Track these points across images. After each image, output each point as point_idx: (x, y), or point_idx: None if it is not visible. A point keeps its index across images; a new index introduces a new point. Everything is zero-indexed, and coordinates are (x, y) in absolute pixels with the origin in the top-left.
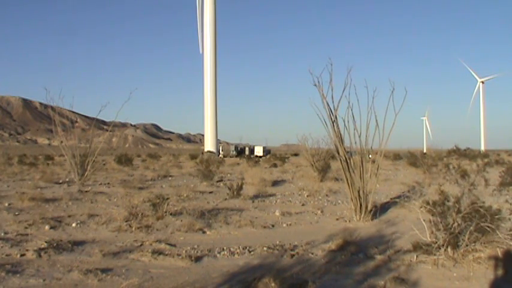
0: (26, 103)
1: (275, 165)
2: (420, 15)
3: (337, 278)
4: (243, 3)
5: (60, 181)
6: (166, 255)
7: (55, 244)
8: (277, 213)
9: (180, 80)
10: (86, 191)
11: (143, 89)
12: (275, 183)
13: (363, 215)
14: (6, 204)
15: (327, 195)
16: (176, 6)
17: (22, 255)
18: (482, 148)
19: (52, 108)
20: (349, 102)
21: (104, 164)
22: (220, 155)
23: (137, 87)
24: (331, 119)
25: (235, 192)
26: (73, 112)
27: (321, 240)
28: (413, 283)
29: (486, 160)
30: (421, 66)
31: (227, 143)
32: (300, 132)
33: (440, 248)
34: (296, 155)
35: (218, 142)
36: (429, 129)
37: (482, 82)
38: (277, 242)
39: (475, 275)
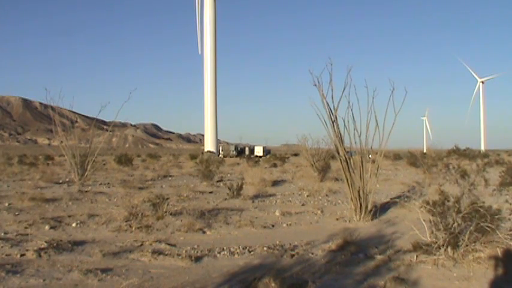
0: (26, 103)
1: (275, 165)
2: (420, 15)
3: (337, 278)
4: (243, 3)
5: (60, 181)
6: (166, 255)
7: (55, 244)
8: (277, 213)
9: (180, 80)
10: (86, 191)
11: (143, 89)
12: (275, 183)
13: (363, 215)
14: (6, 204)
15: (327, 195)
16: (176, 6)
17: (22, 255)
18: (482, 148)
19: (52, 108)
20: (349, 102)
21: (104, 164)
22: (220, 155)
23: (137, 87)
24: (331, 119)
25: (235, 192)
26: (73, 112)
27: (321, 240)
28: (413, 283)
29: (486, 160)
30: (421, 66)
31: (227, 143)
32: (300, 132)
33: (440, 248)
34: (296, 155)
35: (218, 142)
36: (429, 129)
37: (482, 82)
38: (277, 242)
39: (475, 275)
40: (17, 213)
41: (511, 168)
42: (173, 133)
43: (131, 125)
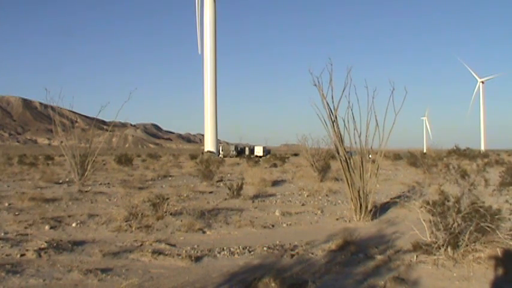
0: (26, 103)
1: (275, 165)
2: (420, 15)
3: (337, 278)
4: (243, 3)
5: (60, 181)
6: (166, 255)
7: (55, 244)
8: (277, 213)
9: (180, 80)
10: (86, 191)
11: (143, 89)
12: (275, 183)
13: (363, 215)
14: (6, 204)
15: (327, 195)
16: (176, 6)
17: (22, 255)
18: (482, 148)
19: (52, 108)
20: (349, 102)
21: (104, 164)
22: (220, 155)
23: (137, 87)
24: (331, 119)
25: (235, 192)
26: (73, 112)
27: (321, 240)
28: (413, 283)
29: (486, 160)
30: (421, 66)
31: (227, 143)
32: (300, 132)
33: (440, 248)
34: (296, 155)
35: (218, 142)
36: (429, 129)
37: (482, 82)
38: (277, 242)
39: (475, 275)
40: (17, 213)
41: (511, 168)
42: (173, 133)
43: (131, 125)
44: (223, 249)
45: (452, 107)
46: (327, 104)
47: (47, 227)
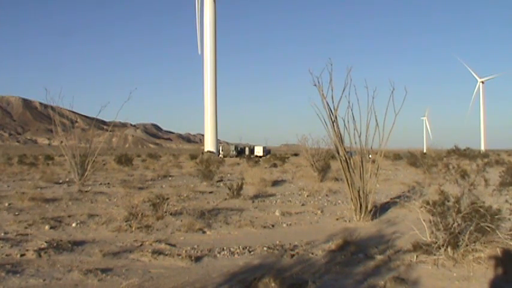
0: (26, 103)
1: (275, 165)
2: (420, 15)
3: (337, 278)
4: (243, 3)
5: (60, 181)
6: (166, 255)
7: (55, 244)
8: (277, 213)
9: (180, 80)
10: (86, 191)
11: (143, 89)
12: (275, 183)
13: (363, 215)
14: (6, 204)
15: (327, 195)
16: (176, 6)
17: (22, 255)
18: (482, 148)
19: (52, 108)
20: (349, 102)
21: (104, 164)
22: (220, 155)
23: (137, 87)
24: (331, 119)
25: (235, 192)
26: (73, 112)
27: (321, 240)
28: (413, 283)
29: (486, 160)
30: (421, 66)
31: (227, 143)
32: (300, 132)
33: (440, 248)
34: (296, 155)
35: (218, 142)
36: (429, 129)
37: (482, 82)
38: (277, 242)
39: (475, 275)
40: (17, 213)
41: (511, 168)
42: (173, 133)
43: (131, 125)
44: (223, 249)
45: (452, 107)
46: (327, 104)
47: (47, 227)
